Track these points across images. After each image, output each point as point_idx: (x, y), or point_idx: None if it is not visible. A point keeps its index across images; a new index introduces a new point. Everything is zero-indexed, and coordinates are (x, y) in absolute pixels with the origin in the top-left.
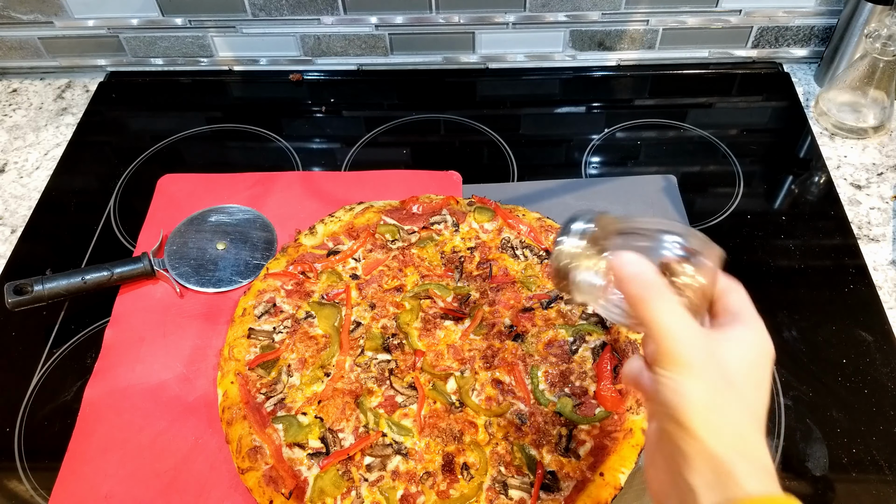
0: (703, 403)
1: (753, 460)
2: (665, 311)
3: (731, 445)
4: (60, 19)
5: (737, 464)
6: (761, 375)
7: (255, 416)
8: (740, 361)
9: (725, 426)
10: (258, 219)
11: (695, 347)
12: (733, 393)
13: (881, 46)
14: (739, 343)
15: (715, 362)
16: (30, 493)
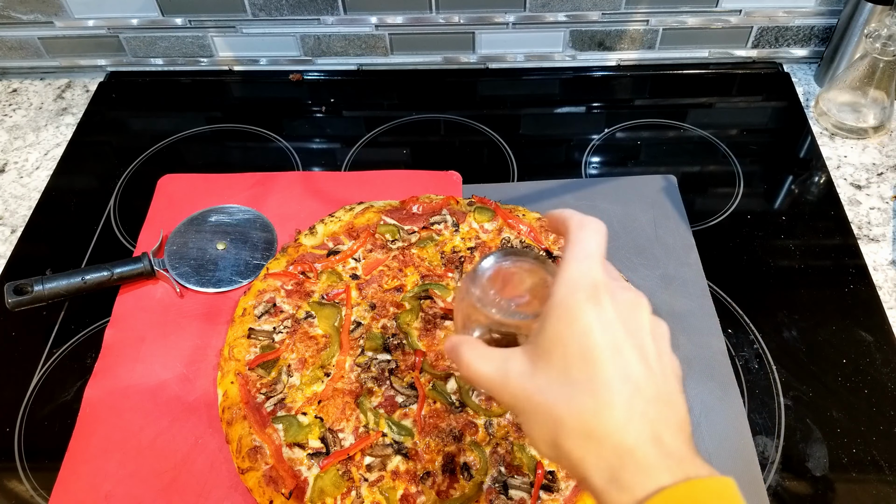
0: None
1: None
2: (473, 367)
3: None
4: (60, 19)
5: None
6: (568, 328)
7: (255, 416)
8: (548, 333)
9: (570, 407)
10: (258, 219)
11: (514, 381)
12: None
13: (881, 46)
14: (549, 312)
15: (534, 368)
16: (30, 493)
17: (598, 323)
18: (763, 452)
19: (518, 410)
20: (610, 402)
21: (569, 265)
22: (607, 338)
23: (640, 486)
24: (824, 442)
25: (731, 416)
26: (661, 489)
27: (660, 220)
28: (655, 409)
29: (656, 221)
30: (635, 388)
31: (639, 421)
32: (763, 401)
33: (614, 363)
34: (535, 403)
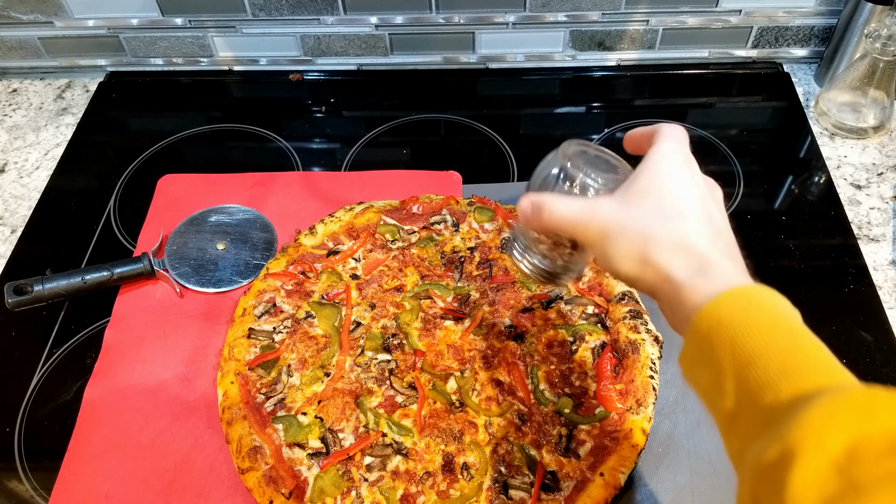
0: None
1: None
2: (558, 210)
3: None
4: (60, 19)
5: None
6: (662, 178)
7: (255, 416)
8: (642, 182)
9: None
10: (258, 219)
11: (603, 214)
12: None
13: (881, 46)
14: (643, 169)
15: (625, 204)
16: (30, 493)
17: (690, 178)
18: None
19: (605, 233)
20: (699, 228)
21: (664, 142)
22: (697, 190)
23: (721, 280)
24: None
25: None
26: (740, 285)
27: None
28: (732, 248)
29: None
30: (717, 229)
31: (721, 247)
32: None
33: (702, 207)
34: (626, 226)
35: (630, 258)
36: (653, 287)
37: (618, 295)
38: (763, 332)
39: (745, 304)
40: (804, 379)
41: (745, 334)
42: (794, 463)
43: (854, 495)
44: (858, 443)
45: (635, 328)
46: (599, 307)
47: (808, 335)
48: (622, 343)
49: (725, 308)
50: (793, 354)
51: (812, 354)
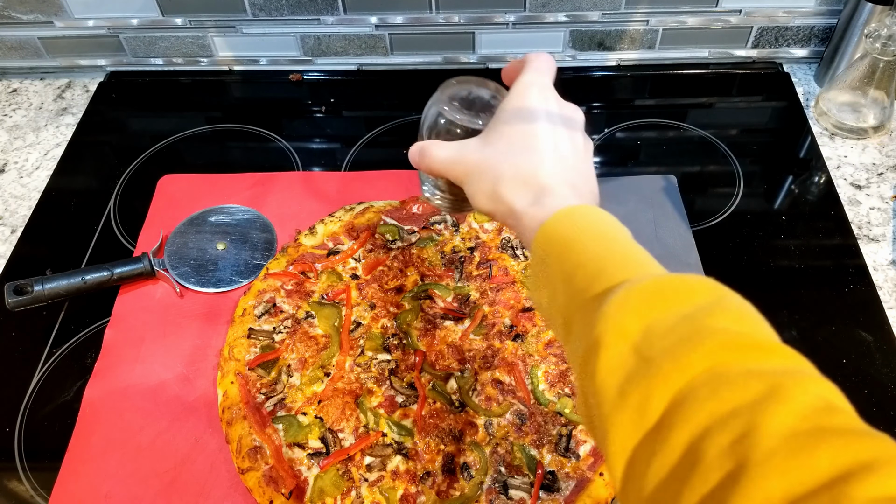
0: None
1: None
2: (433, 154)
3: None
4: (60, 19)
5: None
6: (518, 111)
7: (255, 416)
8: (501, 117)
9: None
10: (258, 219)
11: (468, 156)
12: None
13: (881, 46)
14: (504, 105)
15: (487, 143)
16: (30, 494)
17: (543, 111)
18: None
19: (468, 176)
20: (542, 160)
21: (525, 74)
22: (548, 122)
23: (554, 204)
24: None
25: None
26: (568, 206)
27: (660, 220)
28: (575, 176)
29: (656, 221)
30: (562, 158)
31: (561, 176)
32: None
33: (550, 139)
34: (483, 166)
35: (485, 195)
36: (504, 220)
37: None
38: (586, 243)
39: (571, 222)
40: (614, 275)
41: (570, 247)
42: (599, 350)
43: (646, 368)
44: (651, 323)
45: None
46: None
47: (626, 241)
48: None
49: (555, 227)
50: (608, 257)
51: (624, 255)
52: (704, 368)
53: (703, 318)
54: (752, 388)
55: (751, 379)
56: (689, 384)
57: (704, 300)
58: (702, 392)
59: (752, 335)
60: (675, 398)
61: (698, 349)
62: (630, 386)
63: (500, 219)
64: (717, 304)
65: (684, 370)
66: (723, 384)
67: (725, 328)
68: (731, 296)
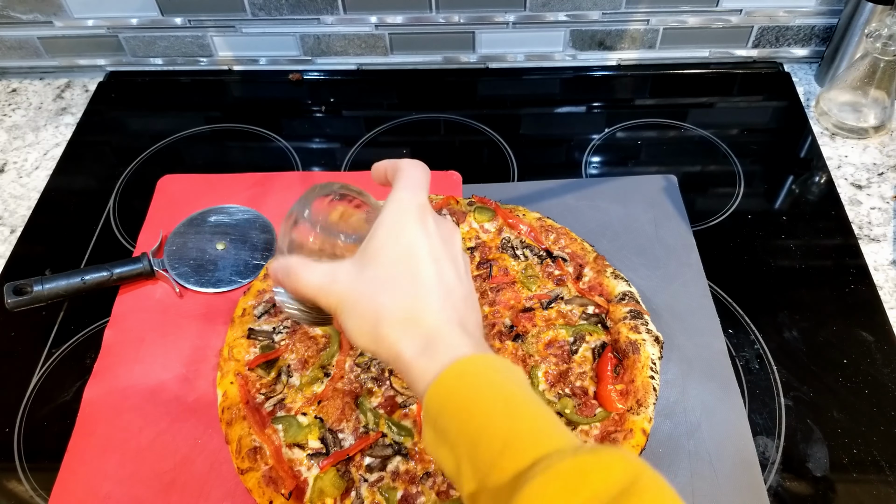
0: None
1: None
2: (302, 278)
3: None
4: (60, 19)
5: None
6: (395, 237)
7: (255, 416)
8: (376, 242)
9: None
10: (258, 219)
11: (340, 284)
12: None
13: (882, 46)
14: (378, 226)
15: (361, 270)
16: (29, 494)
17: (423, 236)
18: (763, 453)
19: (342, 307)
20: (428, 295)
21: (399, 192)
22: (429, 249)
23: (446, 356)
24: (825, 442)
25: (731, 416)
26: (460, 358)
27: (660, 220)
28: (462, 308)
29: (657, 221)
30: (448, 289)
31: (449, 312)
32: (764, 401)
33: (433, 268)
34: (359, 298)
35: (364, 334)
36: (388, 363)
37: (618, 295)
38: (484, 405)
39: (466, 380)
40: (523, 453)
41: (468, 409)
42: None
43: None
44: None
45: (636, 328)
46: (600, 307)
47: (528, 401)
48: (622, 343)
49: (449, 384)
50: (511, 425)
51: (531, 421)
52: None
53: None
54: None
55: None
56: None
57: (620, 482)
58: None
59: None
60: None
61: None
62: None
63: (383, 360)
64: (633, 487)
65: None
66: None
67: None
68: (646, 475)
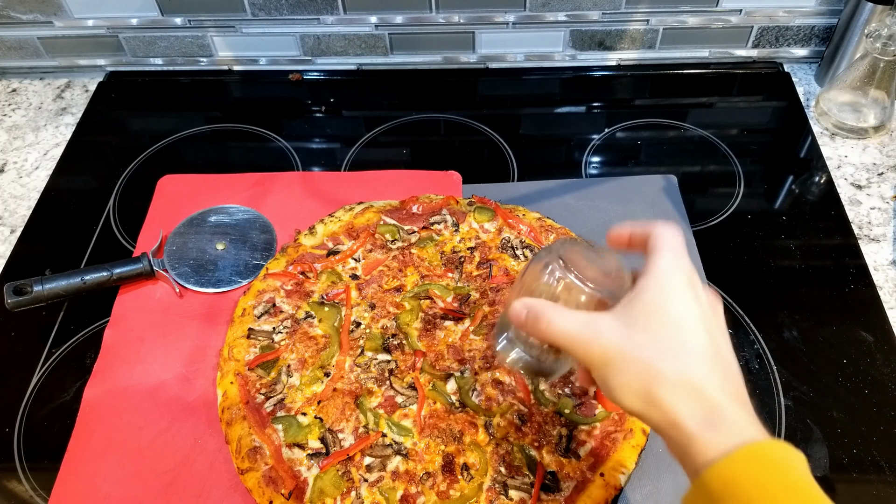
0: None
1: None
2: (556, 324)
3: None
4: (60, 19)
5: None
6: (667, 301)
7: (255, 416)
8: (645, 303)
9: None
10: (258, 219)
11: (605, 337)
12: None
13: (881, 46)
14: (645, 287)
15: (629, 329)
16: (29, 494)
17: (694, 301)
18: None
19: (607, 363)
20: (707, 367)
21: (665, 254)
22: (703, 315)
23: (734, 436)
24: (825, 442)
25: None
26: (754, 441)
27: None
28: (739, 383)
29: None
30: (725, 363)
31: (730, 388)
32: (763, 401)
33: (709, 337)
34: (631, 356)
35: (634, 394)
36: (658, 428)
37: None
38: (779, 499)
39: (760, 467)
40: None
41: (760, 501)
42: None
43: None
44: None
45: None
46: None
47: (817, 499)
48: None
49: (739, 469)
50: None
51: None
52: None
53: None
54: None
55: None
56: None
57: None
58: None
59: None
60: None
61: None
62: None
63: (650, 424)
64: None
65: None
66: None
67: None
68: None
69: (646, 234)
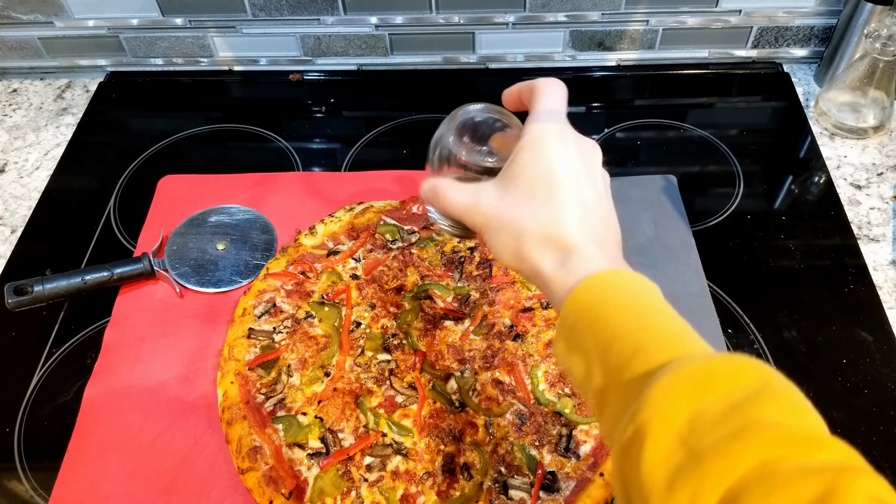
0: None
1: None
2: (449, 199)
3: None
4: (60, 19)
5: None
6: (536, 160)
7: (255, 416)
8: (518, 165)
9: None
10: (258, 219)
11: (485, 204)
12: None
13: (881, 46)
14: (520, 149)
15: (504, 192)
16: (29, 494)
17: (563, 157)
18: None
19: (487, 227)
20: (567, 214)
21: (539, 114)
22: (568, 169)
23: (582, 269)
24: None
25: None
26: (599, 271)
27: (660, 220)
28: (601, 227)
29: (656, 221)
30: (587, 209)
31: (588, 231)
32: None
33: (573, 188)
34: (503, 219)
35: (508, 251)
36: (529, 279)
37: None
38: (618, 313)
39: (601, 289)
40: (654, 355)
41: (603, 318)
42: (645, 439)
43: (695, 463)
44: (697, 413)
45: None
46: None
47: (662, 312)
48: None
49: (585, 295)
50: (645, 331)
51: (663, 330)
52: (755, 465)
53: (751, 409)
54: (807, 489)
55: (804, 477)
56: (740, 482)
57: (751, 386)
58: (754, 492)
59: (802, 428)
60: (725, 496)
61: (748, 444)
62: (678, 481)
63: (525, 276)
64: (765, 392)
65: (735, 466)
66: (776, 484)
67: (776, 421)
68: (778, 381)
69: (530, 89)
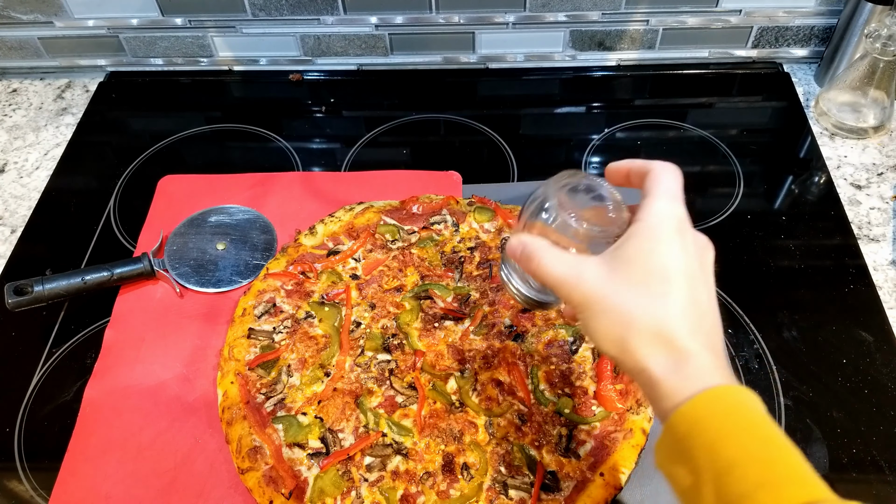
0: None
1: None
2: (545, 264)
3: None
4: (60, 19)
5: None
6: (652, 249)
7: (255, 416)
8: (631, 250)
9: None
10: (258, 219)
11: (588, 282)
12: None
13: (881, 46)
14: (634, 233)
15: (612, 274)
16: (30, 494)
17: (681, 251)
18: None
19: (587, 308)
20: (682, 314)
21: (657, 198)
22: (686, 265)
23: (699, 380)
24: (824, 442)
25: None
26: (716, 385)
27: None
28: (714, 333)
29: None
30: (701, 311)
31: (703, 337)
32: (763, 401)
33: (689, 287)
34: (609, 303)
35: (610, 340)
36: (631, 374)
37: None
38: (740, 439)
39: (721, 408)
40: (782, 493)
41: (722, 441)
42: None
43: None
44: None
45: None
46: None
47: (784, 443)
48: None
49: (702, 411)
50: (770, 465)
51: (789, 465)
52: None
53: None
54: None
55: None
56: None
57: None
58: None
59: None
60: None
61: None
62: None
63: (624, 368)
64: None
65: None
66: None
67: None
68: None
69: (644, 171)
